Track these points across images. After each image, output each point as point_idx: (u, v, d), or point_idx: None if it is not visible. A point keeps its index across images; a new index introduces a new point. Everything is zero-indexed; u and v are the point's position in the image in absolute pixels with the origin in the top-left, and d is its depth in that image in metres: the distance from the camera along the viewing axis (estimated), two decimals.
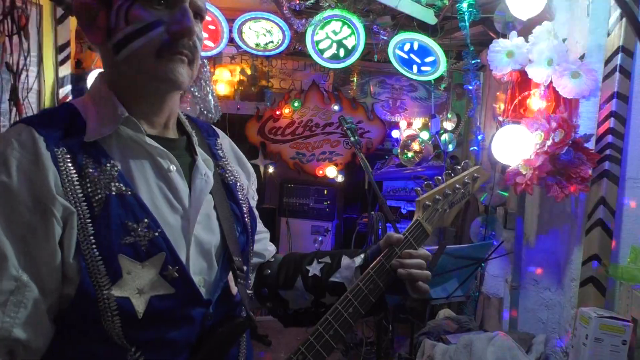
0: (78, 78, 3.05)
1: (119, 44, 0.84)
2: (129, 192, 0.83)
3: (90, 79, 2.87)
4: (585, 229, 2.03)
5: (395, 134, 4.86)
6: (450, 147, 3.93)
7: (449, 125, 4.03)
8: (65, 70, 3.03)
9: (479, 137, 3.28)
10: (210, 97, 2.69)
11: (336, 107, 4.74)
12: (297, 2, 3.08)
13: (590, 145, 2.04)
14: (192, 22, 0.86)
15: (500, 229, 2.97)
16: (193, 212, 0.91)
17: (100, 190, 0.81)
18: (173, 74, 0.86)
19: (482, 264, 2.32)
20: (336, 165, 4.81)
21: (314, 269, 1.11)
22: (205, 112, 3.18)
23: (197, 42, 0.89)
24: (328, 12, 3.10)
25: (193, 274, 0.88)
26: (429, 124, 4.53)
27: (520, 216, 2.59)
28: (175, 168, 0.91)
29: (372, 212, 3.41)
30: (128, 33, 0.83)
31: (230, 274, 0.97)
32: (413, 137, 4.31)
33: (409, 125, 4.73)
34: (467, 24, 2.69)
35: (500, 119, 2.45)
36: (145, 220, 0.83)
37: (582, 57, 2.10)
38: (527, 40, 2.22)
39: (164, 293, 0.83)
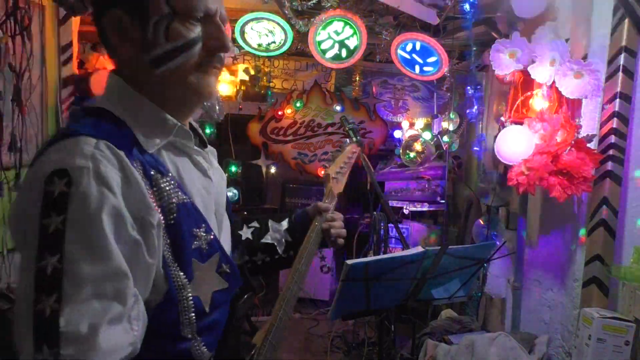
0: (81, 78, 3.05)
1: (158, 59, 0.85)
2: (188, 200, 0.88)
3: (93, 80, 2.88)
4: (588, 229, 2.03)
5: (397, 134, 4.85)
6: (453, 147, 3.92)
7: (451, 125, 4.03)
8: (68, 70, 3.03)
9: (481, 138, 3.27)
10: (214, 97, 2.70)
11: (338, 108, 4.73)
12: (299, 2, 3.08)
13: (593, 145, 2.04)
14: (227, 37, 0.90)
15: (502, 229, 2.97)
16: (221, 205, 1.01)
17: (170, 200, 0.85)
18: (210, 87, 0.91)
19: (485, 265, 2.32)
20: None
21: (245, 233, 1.26)
22: (209, 112, 3.18)
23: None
24: (330, 13, 3.10)
25: None
26: (432, 124, 4.53)
27: (522, 216, 2.59)
28: (209, 167, 0.98)
29: (374, 213, 3.41)
30: (168, 50, 0.85)
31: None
32: (415, 138, 4.31)
33: (411, 125, 4.72)
34: (470, 24, 2.69)
35: (503, 119, 2.45)
36: (203, 225, 0.90)
37: (585, 58, 2.10)
38: (529, 41, 2.22)
39: (221, 288, 0.93)
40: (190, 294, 0.85)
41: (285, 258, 1.28)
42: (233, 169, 4.29)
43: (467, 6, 2.67)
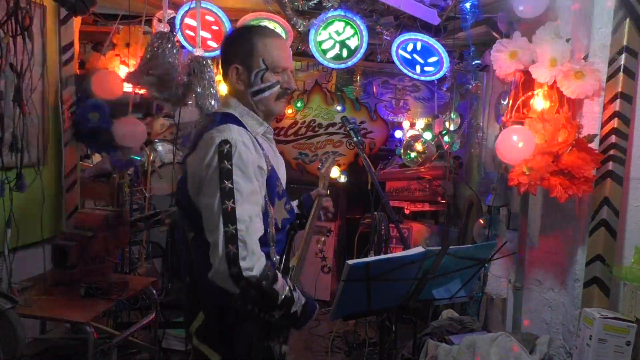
0: (81, 79, 3.05)
1: (256, 92, 1.55)
2: (272, 166, 1.54)
3: (94, 79, 2.87)
4: (589, 229, 2.03)
5: (398, 134, 4.85)
6: (454, 148, 3.92)
7: (452, 125, 4.03)
8: (69, 70, 3.03)
9: (481, 137, 3.27)
10: (213, 97, 2.69)
11: (339, 108, 4.74)
12: (300, 2, 3.08)
13: (594, 145, 2.04)
14: (293, 81, 1.62)
15: (503, 229, 2.96)
16: (284, 177, 1.67)
17: (267, 163, 1.50)
18: (282, 110, 1.67)
19: (485, 265, 2.31)
20: (339, 165, 4.81)
21: None
22: (207, 111, 3.18)
23: None
24: (331, 13, 3.10)
25: None
26: (432, 124, 4.53)
27: (523, 217, 2.58)
28: (277, 152, 1.69)
29: (375, 213, 3.41)
30: (262, 87, 1.54)
31: None
32: (416, 138, 4.31)
33: (412, 125, 4.72)
34: (469, 24, 2.68)
35: (504, 119, 2.45)
36: (279, 179, 1.58)
37: (585, 57, 2.09)
38: (530, 41, 2.21)
39: (285, 217, 1.60)
40: (273, 216, 1.51)
41: (296, 224, 1.89)
42: None
43: (467, 5, 2.66)
